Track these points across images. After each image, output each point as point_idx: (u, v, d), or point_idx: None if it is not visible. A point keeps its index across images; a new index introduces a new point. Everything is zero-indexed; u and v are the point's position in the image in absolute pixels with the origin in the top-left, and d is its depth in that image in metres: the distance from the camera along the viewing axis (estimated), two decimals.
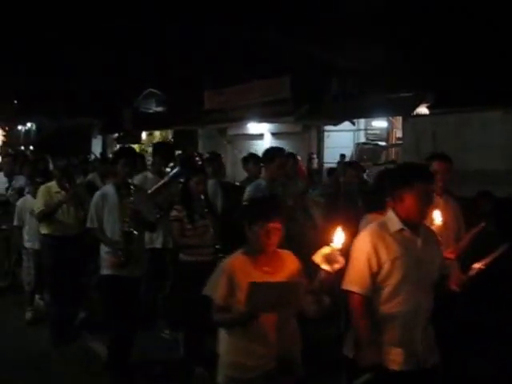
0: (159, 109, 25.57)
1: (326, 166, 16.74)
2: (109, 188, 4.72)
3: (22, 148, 27.66)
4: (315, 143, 17.38)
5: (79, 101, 27.54)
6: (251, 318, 2.60)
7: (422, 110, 14.03)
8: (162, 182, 5.22)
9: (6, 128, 23.43)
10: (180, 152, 22.05)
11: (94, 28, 26.66)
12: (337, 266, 2.55)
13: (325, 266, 2.54)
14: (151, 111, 26.00)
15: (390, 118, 15.81)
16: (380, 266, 2.78)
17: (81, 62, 27.11)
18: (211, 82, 20.21)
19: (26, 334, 5.77)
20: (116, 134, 26.42)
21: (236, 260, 2.82)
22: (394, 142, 16.10)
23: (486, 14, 14.27)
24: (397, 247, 2.80)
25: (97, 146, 27.40)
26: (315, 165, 16.50)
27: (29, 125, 33.80)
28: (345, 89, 16.18)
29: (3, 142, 23.27)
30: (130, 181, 4.82)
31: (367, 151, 16.28)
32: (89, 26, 26.86)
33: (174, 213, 4.73)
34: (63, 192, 5.52)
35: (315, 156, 16.91)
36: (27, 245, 6.17)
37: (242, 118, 18.88)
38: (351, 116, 15.99)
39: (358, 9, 16.44)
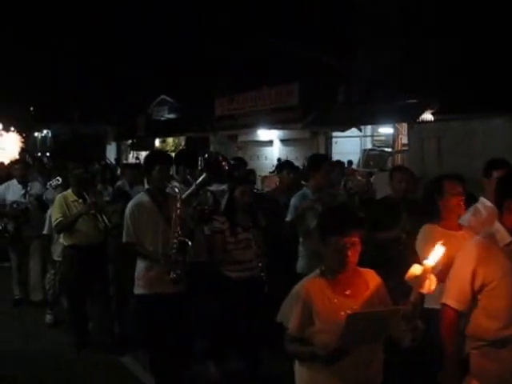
0: (171, 116, 26.06)
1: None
2: (143, 197, 4.26)
3: (39, 154, 28.19)
4: (323, 149, 17.59)
5: (94, 108, 28.16)
6: (342, 354, 2.23)
7: (427, 116, 14.18)
8: (190, 190, 4.75)
9: (23, 135, 23.80)
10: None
11: (108, 38, 27.30)
12: (432, 288, 2.27)
13: (419, 287, 2.26)
14: (164, 118, 26.51)
15: (396, 125, 15.97)
16: (485, 283, 2.50)
17: (95, 70, 27.74)
18: (222, 90, 20.64)
19: (61, 352, 5.27)
20: (130, 141, 27.01)
21: (312, 283, 2.43)
22: (399, 148, 16.23)
23: (490, 23, 14.49)
24: (507, 262, 2.50)
25: (111, 153, 28.01)
26: None
27: (45, 132, 34.46)
28: (351, 96, 16.48)
29: (21, 149, 23.56)
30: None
31: (374, 157, 16.50)
32: (104, 36, 27.51)
33: (216, 224, 4.41)
34: (81, 200, 5.16)
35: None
36: (56, 257, 5.81)
37: (252, 125, 19.29)
38: (358, 123, 16.22)
39: (366, 18, 16.78)
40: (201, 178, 4.55)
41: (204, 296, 4.80)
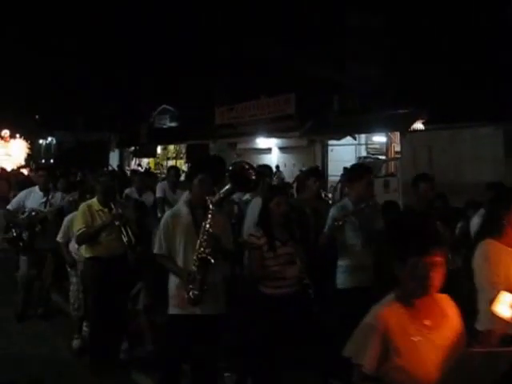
0: (173, 124, 26.62)
1: (331, 178, 17.58)
2: (181, 208, 3.94)
3: (43, 161, 28.58)
4: (320, 157, 18.16)
5: (97, 116, 28.66)
6: None
7: (418, 125, 14.72)
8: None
9: (29, 141, 24.10)
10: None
11: (112, 49, 27.84)
12: None
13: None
14: (165, 126, 27.08)
15: (389, 134, 16.56)
16: None
17: (99, 79, 28.23)
18: (222, 99, 21.19)
19: (69, 362, 5.15)
20: (132, 148, 27.52)
21: (389, 313, 2.05)
22: (392, 155, 16.77)
23: (477, 36, 15.05)
24: None
25: (114, 159, 28.43)
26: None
27: (49, 139, 34.90)
28: (346, 106, 17.04)
29: (28, 155, 23.75)
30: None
31: (368, 164, 17.01)
32: (107, 47, 28.06)
33: (251, 239, 4.04)
34: (106, 210, 4.82)
35: (320, 169, 17.73)
36: (74, 255, 5.51)
37: (251, 133, 19.80)
38: (353, 131, 16.74)
39: (359, 31, 17.35)
40: (225, 189, 3.93)
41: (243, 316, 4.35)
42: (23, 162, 22.04)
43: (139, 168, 27.40)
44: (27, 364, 4.91)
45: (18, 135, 23.10)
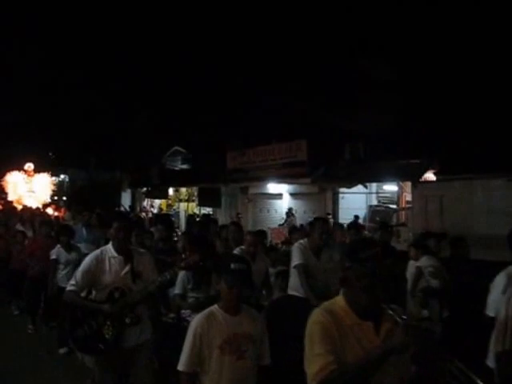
0: (185, 166, 26.82)
1: None
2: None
3: (55, 198, 28.65)
4: (330, 204, 18.21)
5: (110, 156, 29.03)
6: None
7: (430, 176, 14.77)
8: None
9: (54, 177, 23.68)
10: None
11: (125, 90, 28.44)
12: None
13: None
14: (177, 168, 27.29)
15: (400, 183, 16.63)
16: None
17: (113, 121, 28.75)
18: (234, 144, 21.41)
19: None
20: (144, 189, 27.62)
21: None
22: (403, 205, 16.83)
23: (488, 87, 15.24)
24: None
25: (126, 200, 28.73)
26: (330, 225, 17.31)
27: (62, 176, 35.31)
28: (357, 154, 17.17)
29: (53, 192, 23.20)
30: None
31: (379, 213, 17.02)
32: (121, 88, 28.68)
33: None
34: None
35: (331, 216, 17.78)
36: None
37: (262, 178, 19.90)
38: (364, 180, 16.80)
39: (371, 81, 17.65)
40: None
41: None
42: (48, 200, 21.50)
43: (152, 209, 27.59)
44: None
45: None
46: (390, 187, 17.62)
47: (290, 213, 18.96)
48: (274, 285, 6.10)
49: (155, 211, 26.66)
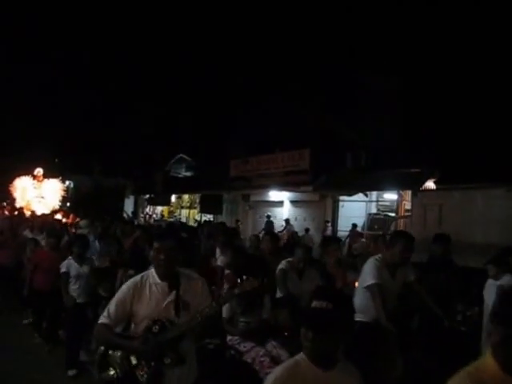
0: (188, 174, 27.05)
1: (340, 233, 17.63)
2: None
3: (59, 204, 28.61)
4: (330, 212, 18.31)
5: (114, 163, 29.28)
6: None
7: (430, 184, 14.87)
8: None
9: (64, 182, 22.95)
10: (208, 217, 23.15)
11: (130, 98, 28.84)
12: None
13: None
14: (181, 175, 27.52)
15: (400, 192, 16.72)
16: None
17: (118, 129, 29.07)
18: (237, 152, 21.69)
19: None
20: (147, 196, 27.86)
21: None
22: (403, 213, 16.85)
23: (489, 98, 15.41)
24: None
25: (129, 206, 28.94)
26: (329, 232, 17.43)
27: (67, 183, 35.54)
28: (359, 163, 17.31)
29: (63, 198, 22.16)
30: None
31: (378, 221, 17.08)
32: (126, 96, 29.08)
33: None
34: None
35: (330, 224, 17.86)
36: None
37: (264, 186, 20.09)
38: (364, 188, 16.97)
39: (373, 90, 17.86)
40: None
41: None
42: (57, 206, 20.64)
43: (154, 215, 27.70)
44: None
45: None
46: (390, 196, 17.71)
47: (287, 222, 19.12)
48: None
49: (157, 217, 26.78)
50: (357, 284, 5.10)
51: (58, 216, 16.45)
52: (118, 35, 29.79)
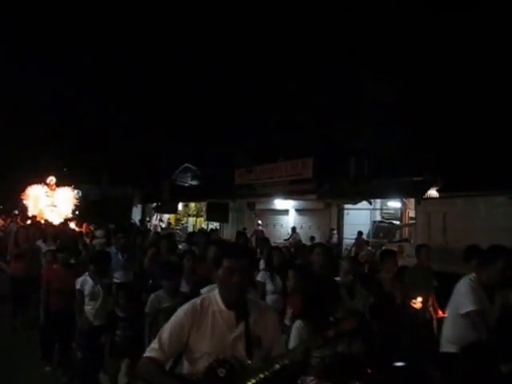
0: (194, 182, 27.31)
1: (346, 241, 17.79)
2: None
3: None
4: (335, 220, 18.45)
5: (122, 173, 29.58)
6: None
7: (433, 192, 14.98)
8: None
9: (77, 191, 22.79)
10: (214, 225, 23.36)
11: (138, 109, 29.13)
12: None
13: None
14: (187, 184, 27.78)
15: (404, 200, 16.82)
16: None
17: (125, 140, 29.37)
18: (242, 161, 21.90)
19: None
20: (154, 204, 28.08)
21: None
22: (407, 221, 16.96)
23: (491, 106, 15.49)
24: None
25: (136, 214, 29.22)
26: (335, 239, 17.59)
27: (75, 191, 35.83)
28: (362, 171, 17.44)
29: (76, 206, 21.54)
30: None
31: (383, 229, 17.17)
32: (134, 107, 29.38)
33: None
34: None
35: (335, 231, 18.00)
36: None
37: (269, 195, 20.26)
38: (368, 196, 17.04)
39: (375, 99, 18.00)
40: None
41: None
42: (70, 215, 20.26)
43: (161, 223, 27.97)
44: None
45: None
46: (394, 203, 17.83)
47: (293, 230, 19.24)
48: None
49: (164, 225, 27.02)
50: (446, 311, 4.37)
51: (72, 225, 15.91)
52: (132, 44, 30.13)
